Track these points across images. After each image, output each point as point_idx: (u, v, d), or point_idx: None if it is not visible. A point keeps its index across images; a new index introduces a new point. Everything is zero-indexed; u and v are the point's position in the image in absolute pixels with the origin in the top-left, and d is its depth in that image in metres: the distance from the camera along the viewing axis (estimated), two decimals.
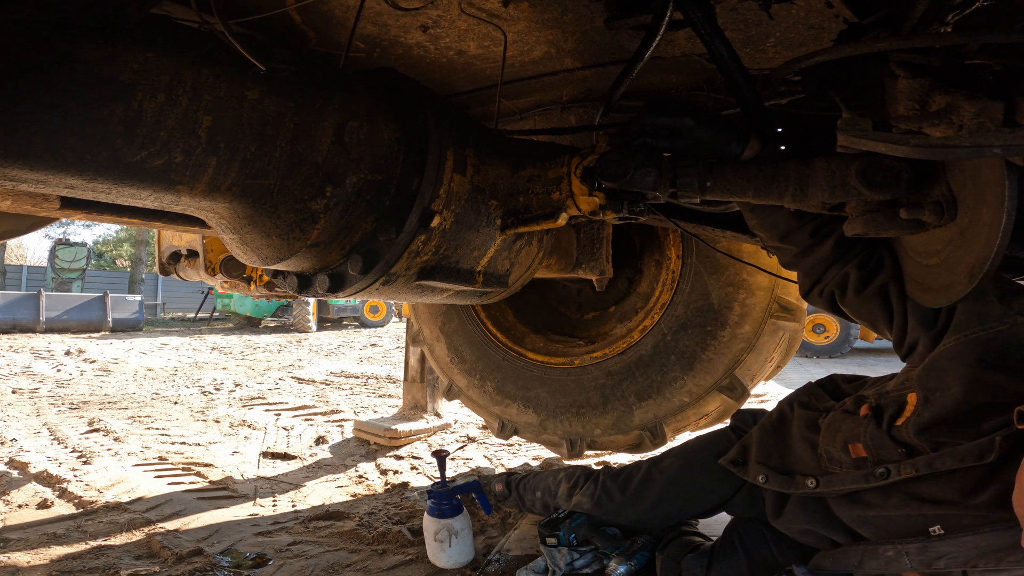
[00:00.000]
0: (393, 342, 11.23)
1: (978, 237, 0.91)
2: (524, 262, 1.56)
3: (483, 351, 2.51)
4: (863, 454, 1.25)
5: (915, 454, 1.15)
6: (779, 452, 1.51)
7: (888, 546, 1.21)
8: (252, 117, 1.04)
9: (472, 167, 1.31)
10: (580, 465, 2.40)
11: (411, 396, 3.93)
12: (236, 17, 1.09)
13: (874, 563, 1.24)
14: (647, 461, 1.87)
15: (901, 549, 1.17)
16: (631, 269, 2.51)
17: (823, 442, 1.38)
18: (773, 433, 1.57)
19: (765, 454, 1.54)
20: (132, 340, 10.70)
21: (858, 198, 1.02)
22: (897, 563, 1.19)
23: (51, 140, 0.85)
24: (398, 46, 1.41)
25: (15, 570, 1.90)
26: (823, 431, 1.40)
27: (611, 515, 1.83)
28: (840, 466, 1.31)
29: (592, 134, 1.53)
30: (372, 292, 1.32)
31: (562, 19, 1.29)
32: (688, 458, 1.79)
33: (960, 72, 0.84)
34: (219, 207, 1.13)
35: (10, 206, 1.54)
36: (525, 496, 2.13)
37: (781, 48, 1.32)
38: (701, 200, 1.17)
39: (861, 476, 1.23)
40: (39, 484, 2.72)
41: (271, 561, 1.99)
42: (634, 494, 1.79)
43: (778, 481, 1.44)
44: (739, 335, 2.04)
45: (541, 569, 1.83)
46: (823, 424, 1.42)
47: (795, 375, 7.18)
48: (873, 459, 1.23)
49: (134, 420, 4.18)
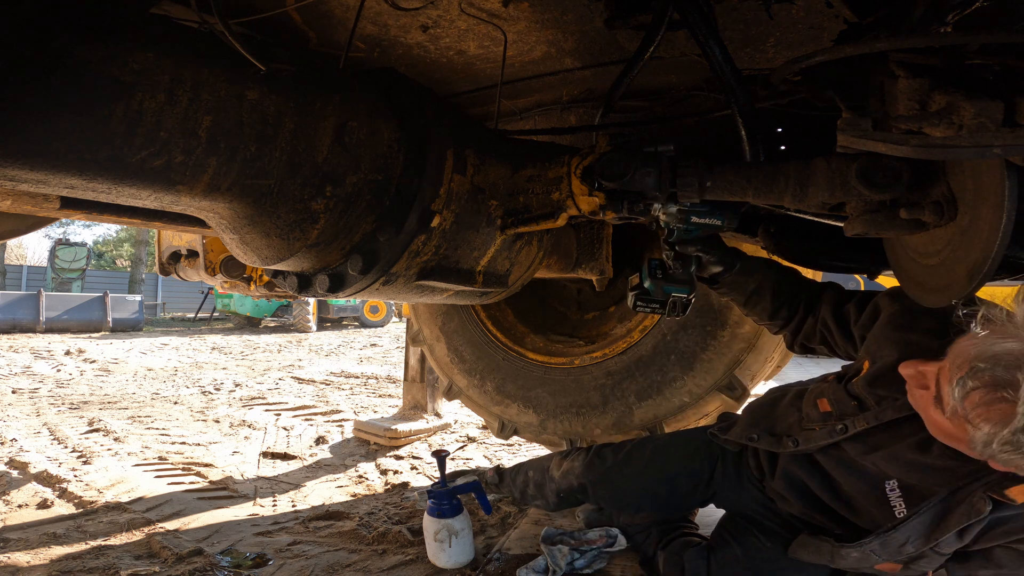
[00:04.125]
0: (393, 342, 11.23)
1: (978, 237, 0.91)
2: (524, 262, 1.56)
3: (483, 351, 2.51)
4: (828, 408, 1.40)
5: (865, 409, 1.30)
6: (767, 420, 1.60)
7: (851, 548, 1.29)
8: (252, 117, 1.04)
9: (472, 167, 1.31)
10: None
11: (411, 396, 3.93)
12: (236, 17, 1.09)
13: (843, 562, 1.33)
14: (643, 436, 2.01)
15: (864, 549, 1.26)
16: (631, 269, 2.50)
17: (804, 405, 1.50)
18: (764, 407, 1.66)
19: (754, 420, 1.63)
20: (132, 340, 10.70)
21: (858, 198, 1.02)
22: (866, 560, 1.28)
23: (51, 140, 0.85)
24: (398, 46, 1.41)
25: (15, 570, 1.90)
26: (806, 397, 1.53)
27: (601, 479, 1.84)
28: (812, 422, 1.43)
29: (592, 134, 1.53)
30: (372, 292, 1.32)
31: (562, 19, 1.29)
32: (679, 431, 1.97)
33: (960, 72, 0.84)
34: (219, 207, 1.13)
35: (10, 206, 1.54)
36: (517, 478, 2.11)
37: (781, 48, 1.32)
38: (701, 200, 1.17)
39: (827, 432, 1.36)
40: (39, 484, 2.72)
41: (271, 561, 1.99)
42: (625, 456, 1.83)
43: (767, 441, 1.54)
44: (739, 335, 2.04)
45: (541, 568, 1.83)
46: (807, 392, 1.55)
47: (795, 375, 7.17)
48: (836, 413, 1.37)
49: (134, 420, 4.18)
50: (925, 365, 1.10)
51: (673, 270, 1.45)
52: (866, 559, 1.27)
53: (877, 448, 1.27)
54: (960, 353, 1.03)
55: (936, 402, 1.06)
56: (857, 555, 1.28)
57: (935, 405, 1.06)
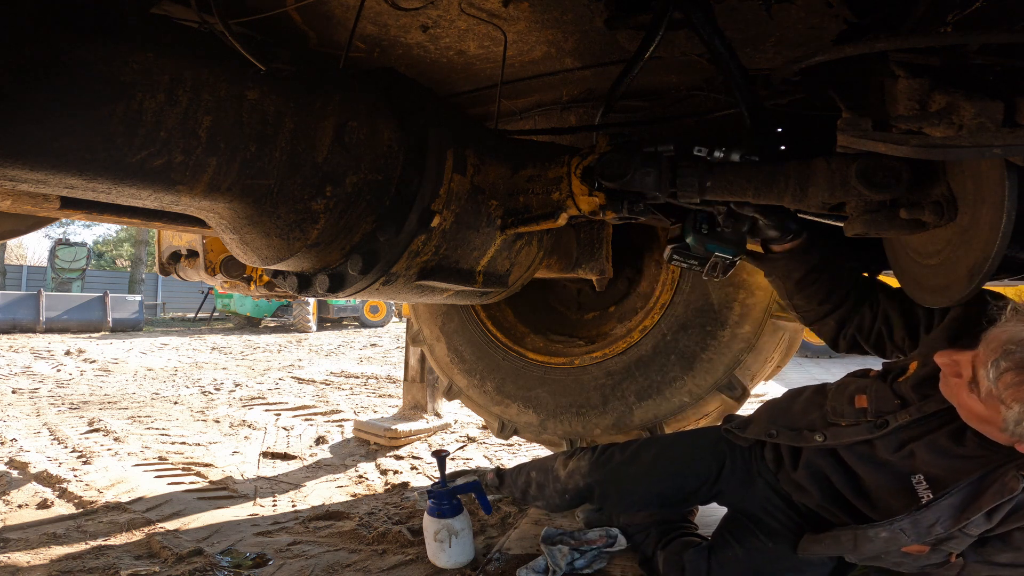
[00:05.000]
0: (393, 342, 11.23)
1: (978, 237, 0.91)
2: (524, 262, 1.56)
3: (483, 351, 2.51)
4: (864, 405, 1.39)
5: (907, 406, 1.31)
6: (785, 416, 1.60)
7: (880, 527, 1.28)
8: (252, 117, 1.04)
9: (472, 167, 1.31)
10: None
11: (411, 396, 3.93)
12: (236, 17, 1.09)
13: (869, 546, 1.31)
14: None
15: (895, 527, 1.26)
16: (631, 269, 2.50)
17: (830, 400, 1.49)
18: (782, 404, 1.66)
19: (772, 417, 1.63)
20: (132, 340, 10.70)
21: (858, 198, 1.02)
22: (895, 541, 1.27)
23: (51, 140, 0.85)
24: (398, 46, 1.41)
25: (15, 570, 1.90)
26: (832, 392, 1.52)
27: (608, 477, 1.83)
28: (843, 417, 1.42)
29: (592, 134, 1.53)
30: (372, 292, 1.32)
31: (562, 19, 1.29)
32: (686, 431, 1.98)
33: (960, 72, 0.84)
34: (219, 207, 1.13)
35: (10, 206, 1.54)
36: (518, 479, 2.09)
37: (781, 48, 1.32)
38: (701, 200, 1.17)
39: (865, 428, 1.36)
40: (39, 484, 2.72)
41: (271, 561, 1.99)
42: (632, 455, 1.82)
43: (788, 436, 1.54)
44: (739, 335, 2.04)
45: (541, 568, 1.83)
46: (832, 388, 1.54)
47: (795, 375, 7.17)
48: (872, 410, 1.36)
49: (134, 420, 4.18)
50: (959, 354, 1.16)
51: (722, 227, 1.29)
52: (895, 540, 1.27)
53: (909, 441, 1.29)
54: (993, 339, 1.11)
55: (971, 387, 1.12)
56: (886, 535, 1.27)
57: (969, 390, 1.12)
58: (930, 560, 1.27)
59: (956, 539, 1.22)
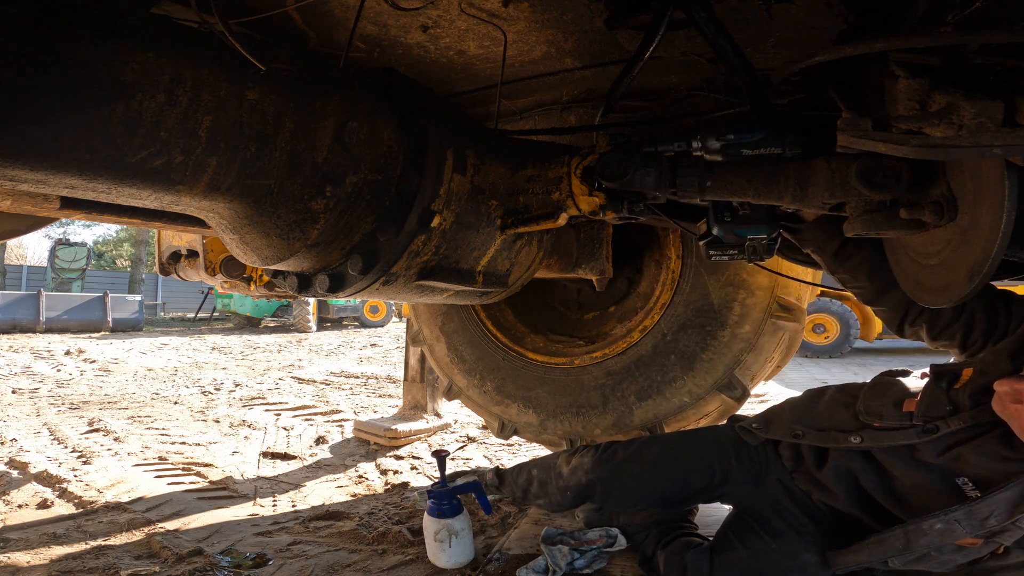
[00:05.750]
0: (393, 342, 11.23)
1: (978, 237, 0.91)
2: (524, 262, 1.56)
3: (483, 351, 2.51)
4: (912, 409, 1.36)
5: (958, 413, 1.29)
6: (810, 416, 1.58)
7: (934, 519, 1.27)
8: (252, 117, 1.04)
9: (472, 167, 1.31)
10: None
11: (411, 396, 3.93)
12: (236, 17, 1.09)
13: (923, 540, 1.30)
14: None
15: (950, 518, 1.25)
16: (631, 269, 2.50)
17: (864, 398, 1.48)
18: (804, 404, 1.65)
19: (797, 415, 1.61)
20: (132, 340, 10.70)
21: (858, 198, 1.02)
22: (950, 533, 1.26)
23: (51, 140, 0.85)
24: (398, 46, 1.41)
25: (15, 570, 1.90)
26: (866, 390, 1.50)
27: (611, 474, 1.82)
28: (880, 419, 1.40)
29: (592, 134, 1.53)
30: (372, 292, 1.32)
31: (562, 19, 1.29)
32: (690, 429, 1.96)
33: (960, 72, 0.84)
34: (219, 207, 1.13)
35: (10, 206, 1.54)
36: (519, 478, 2.09)
37: (781, 48, 1.32)
38: (701, 200, 1.17)
39: (912, 433, 1.34)
40: (39, 484, 2.72)
41: (271, 561, 1.99)
42: (636, 452, 1.81)
43: (815, 437, 1.52)
44: (739, 335, 2.04)
45: (541, 569, 1.83)
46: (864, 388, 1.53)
47: (795, 375, 7.17)
48: (920, 414, 1.34)
49: (134, 420, 4.18)
50: (1020, 383, 1.15)
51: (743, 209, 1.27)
52: (950, 532, 1.26)
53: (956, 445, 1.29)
54: None
55: None
56: (941, 527, 1.26)
57: None
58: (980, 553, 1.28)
59: (1009, 531, 1.23)
